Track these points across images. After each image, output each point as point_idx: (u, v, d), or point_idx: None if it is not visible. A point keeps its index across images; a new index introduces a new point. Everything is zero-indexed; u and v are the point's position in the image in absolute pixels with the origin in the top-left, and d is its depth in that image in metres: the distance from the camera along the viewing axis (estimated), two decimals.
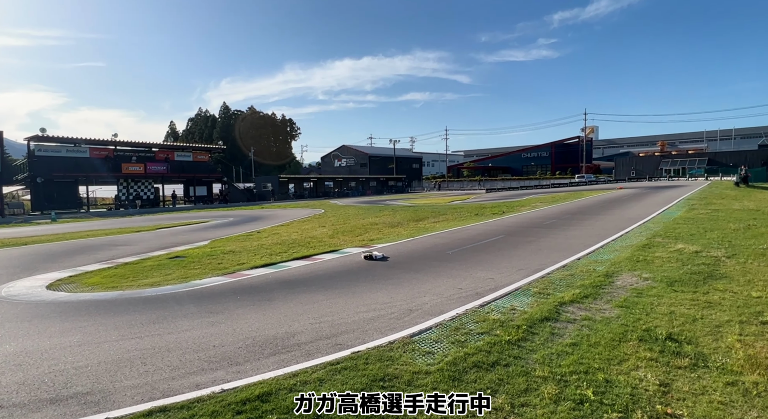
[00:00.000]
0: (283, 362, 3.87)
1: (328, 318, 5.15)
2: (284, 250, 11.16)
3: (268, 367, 3.77)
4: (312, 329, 4.77)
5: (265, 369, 3.72)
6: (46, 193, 35.29)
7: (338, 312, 5.41)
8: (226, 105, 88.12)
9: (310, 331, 4.71)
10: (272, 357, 4.01)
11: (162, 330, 5.10)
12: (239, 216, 25.08)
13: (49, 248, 13.26)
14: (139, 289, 7.74)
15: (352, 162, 73.81)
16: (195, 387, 3.43)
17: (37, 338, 4.99)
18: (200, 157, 46.15)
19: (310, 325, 4.92)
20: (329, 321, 5.06)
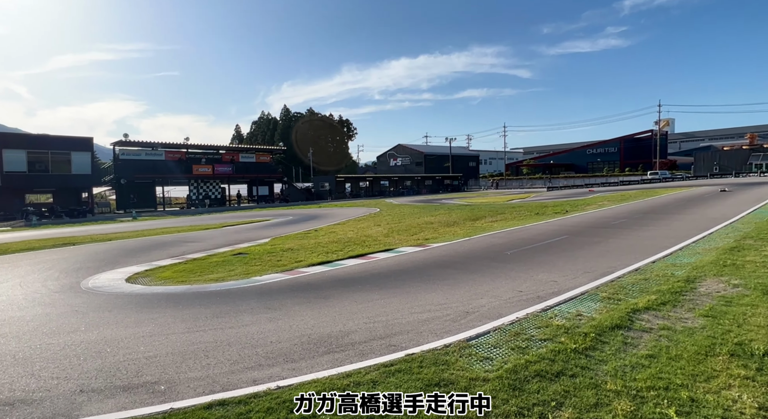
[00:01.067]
0: (336, 361, 3.85)
1: (383, 318, 5.09)
2: (340, 248, 11.30)
3: (322, 366, 3.76)
4: (366, 328, 4.73)
5: (319, 368, 3.72)
6: (128, 193, 38.56)
7: (392, 312, 5.33)
8: (286, 108, 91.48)
9: (364, 330, 4.67)
10: (326, 355, 4.01)
11: (224, 324, 5.30)
12: (298, 215, 25.88)
13: (129, 244, 14.40)
14: (205, 284, 8.15)
15: (407, 161, 73.78)
16: (252, 382, 3.49)
17: (116, 327, 5.37)
18: (262, 158, 48.28)
19: (364, 324, 4.88)
20: (383, 320, 4.99)
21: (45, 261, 11.20)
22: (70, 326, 5.51)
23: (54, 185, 34.82)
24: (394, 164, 75.44)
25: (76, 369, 4.03)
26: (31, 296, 7.38)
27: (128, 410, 3.17)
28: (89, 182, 36.89)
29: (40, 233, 20.06)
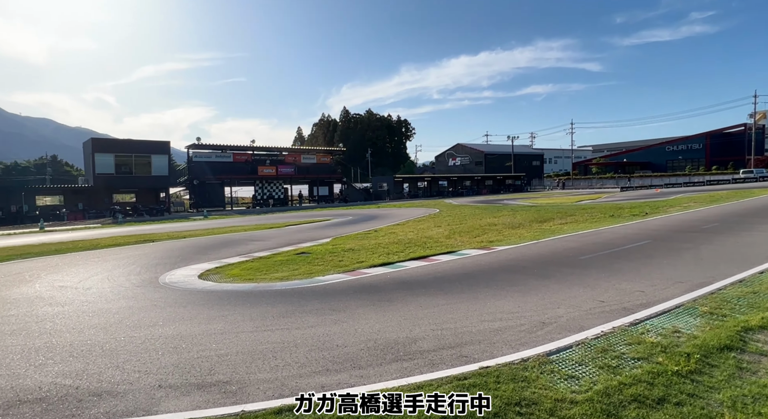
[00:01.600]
0: (405, 370, 3.67)
1: (450, 325, 4.84)
2: (401, 250, 11.15)
3: (390, 374, 3.60)
4: (434, 336, 4.51)
5: (388, 376, 3.56)
6: (200, 193, 41.14)
7: (461, 319, 5.06)
8: (345, 110, 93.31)
9: (432, 338, 4.45)
10: (394, 363, 3.84)
11: (290, 324, 5.32)
12: (357, 215, 26.14)
13: (201, 242, 15.22)
14: (270, 282, 8.33)
15: (466, 161, 72.36)
16: (320, 387, 3.40)
17: (190, 323, 5.58)
18: (323, 159, 49.51)
19: (431, 331, 4.67)
20: (451, 328, 4.74)
21: (128, 257, 12.08)
22: (149, 320, 5.80)
23: (136, 186, 37.98)
24: (453, 163, 74.29)
25: (155, 363, 4.18)
26: (117, 290, 7.93)
27: (202, 409, 3.19)
28: (167, 183, 39.83)
29: (125, 230, 21.86)
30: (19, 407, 3.37)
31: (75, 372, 4.05)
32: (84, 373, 4.00)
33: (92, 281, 8.76)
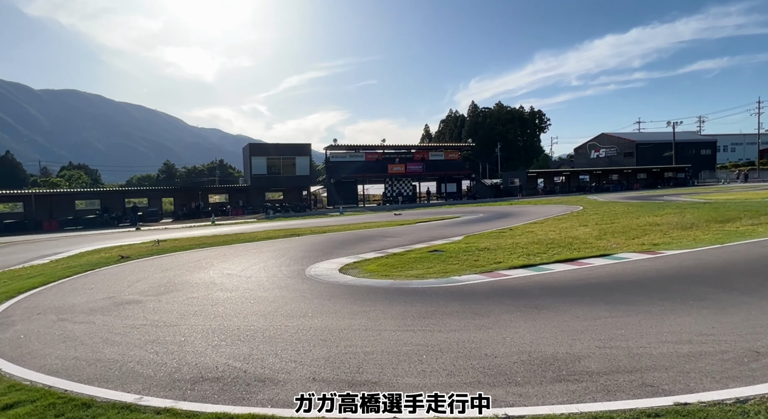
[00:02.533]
0: (573, 394, 3.15)
1: (622, 344, 4.10)
2: (543, 250, 10.23)
3: (555, 397, 3.12)
4: (602, 355, 3.85)
5: (552, 399, 3.09)
6: (336, 191, 44.24)
7: (634, 337, 4.27)
8: (474, 104, 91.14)
9: (600, 357, 3.80)
10: (557, 383, 3.34)
11: (432, 326, 5.13)
12: (488, 212, 25.17)
13: (339, 237, 16.16)
14: (406, 279, 8.31)
15: (613, 152, 64.68)
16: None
17: (335, 317, 5.78)
18: (451, 155, 49.07)
19: (597, 349, 4.01)
20: (624, 347, 4.01)
21: (279, 249, 13.36)
22: (300, 311, 6.19)
23: (283, 185, 42.47)
24: (596, 155, 67.12)
25: (308, 354, 4.36)
26: (271, 279, 8.74)
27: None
28: (308, 182, 43.78)
29: (275, 225, 24.51)
30: (201, 383, 3.78)
31: (243, 355, 4.44)
32: (250, 357, 4.36)
33: (252, 271, 9.83)
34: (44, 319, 6.20)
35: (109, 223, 33.80)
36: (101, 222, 33.56)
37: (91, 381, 3.95)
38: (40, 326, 5.85)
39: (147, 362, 4.36)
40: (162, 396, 3.58)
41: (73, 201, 35.28)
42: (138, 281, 8.88)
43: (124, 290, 8.04)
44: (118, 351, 4.73)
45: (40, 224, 31.93)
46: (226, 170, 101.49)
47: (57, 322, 6.00)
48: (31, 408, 3.39)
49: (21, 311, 6.77)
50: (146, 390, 3.69)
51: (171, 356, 4.52)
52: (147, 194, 39.28)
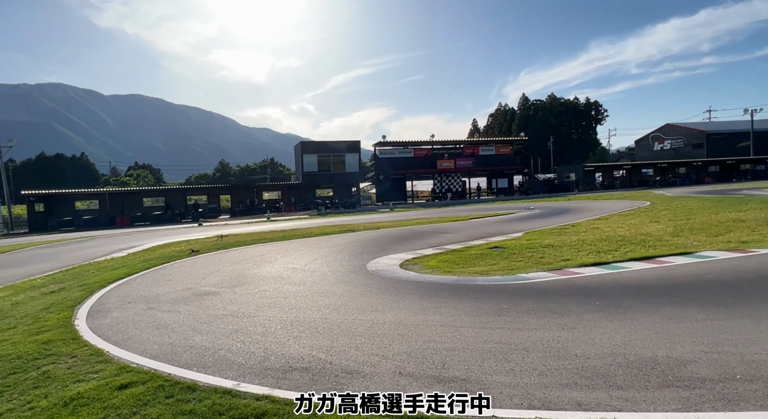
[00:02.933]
0: (687, 401, 2.94)
1: (731, 349, 3.79)
2: (613, 248, 9.71)
3: (666, 403, 2.93)
4: (710, 360, 3.58)
5: (663, 406, 2.90)
6: (385, 187, 44.41)
7: (743, 343, 3.93)
8: (525, 96, 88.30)
9: (709, 363, 3.53)
10: (665, 389, 3.14)
11: (509, 324, 5.00)
12: (545, 208, 24.31)
13: (394, 233, 16.19)
14: (471, 276, 8.17)
15: (679, 144, 60.48)
16: (577, 405, 2.98)
17: (406, 312, 5.78)
18: (502, 150, 47.83)
19: (703, 354, 3.72)
20: (735, 353, 3.70)
21: (336, 244, 13.58)
22: (370, 305, 6.24)
23: (333, 182, 43.22)
24: (660, 148, 63.06)
25: (389, 349, 4.39)
26: (335, 274, 8.90)
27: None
28: (357, 179, 44.28)
29: (328, 221, 25.00)
30: (291, 373, 3.90)
31: (324, 347, 4.53)
32: (332, 349, 4.44)
33: (315, 265, 10.06)
34: (135, 307, 6.67)
35: (173, 219, 35.93)
36: (166, 218, 35.75)
37: (189, 366, 4.19)
38: (133, 314, 6.30)
39: (236, 350, 4.56)
40: (257, 383, 3.73)
41: (141, 199, 37.83)
42: (211, 274, 9.34)
43: (200, 282, 8.49)
44: (208, 339, 4.99)
45: (113, 220, 34.52)
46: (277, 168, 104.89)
47: (147, 310, 6.44)
48: (144, 388, 3.65)
49: (114, 299, 7.33)
50: (241, 377, 3.86)
51: (257, 345, 4.70)
52: (206, 191, 41.38)
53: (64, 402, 3.50)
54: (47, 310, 6.67)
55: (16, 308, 7.14)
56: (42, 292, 8.40)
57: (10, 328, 5.82)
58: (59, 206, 35.25)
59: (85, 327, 5.67)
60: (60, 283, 9.32)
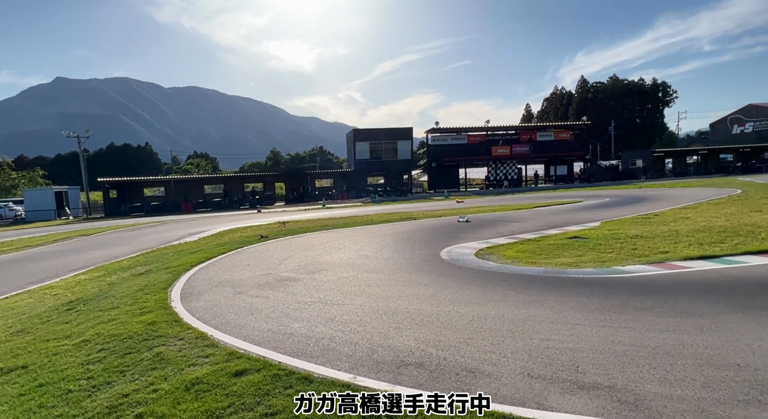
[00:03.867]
0: None
1: None
2: (718, 240, 8.74)
3: None
4: None
5: None
6: (438, 174, 43.66)
7: None
8: (583, 78, 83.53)
9: None
10: None
11: (632, 323, 4.47)
12: (615, 196, 22.80)
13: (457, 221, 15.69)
14: (558, 268, 7.61)
15: (763, 126, 54.90)
16: None
17: (505, 305, 5.37)
18: (561, 135, 45.51)
19: None
20: None
21: (401, 232, 13.29)
22: (462, 296, 5.89)
23: (385, 169, 43.05)
24: (740, 130, 57.59)
25: (502, 345, 4.02)
26: (409, 262, 8.61)
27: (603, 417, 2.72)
28: (409, 166, 43.83)
29: (383, 209, 24.81)
30: (406, 368, 3.64)
31: (430, 340, 4.24)
32: (440, 343, 4.14)
33: (386, 253, 9.84)
34: (224, 291, 6.73)
35: (231, 206, 37.31)
36: (225, 205, 37.18)
37: (296, 354, 4.05)
38: (223, 298, 6.34)
39: (339, 340, 4.38)
40: (373, 377, 3.50)
41: (202, 186, 39.57)
42: (285, 260, 9.37)
43: (278, 268, 8.50)
44: (305, 326, 4.86)
45: (177, 206, 36.36)
46: (326, 156, 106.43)
47: (236, 295, 6.46)
48: (260, 377, 3.52)
49: (201, 282, 7.47)
50: (354, 370, 3.65)
51: (357, 335, 4.50)
52: (262, 179, 42.57)
53: (185, 386, 3.44)
54: (142, 291, 6.89)
55: (114, 289, 7.46)
56: (132, 273, 8.77)
57: (113, 308, 6.03)
58: (130, 193, 37.62)
59: (183, 309, 5.75)
60: (145, 265, 9.72)
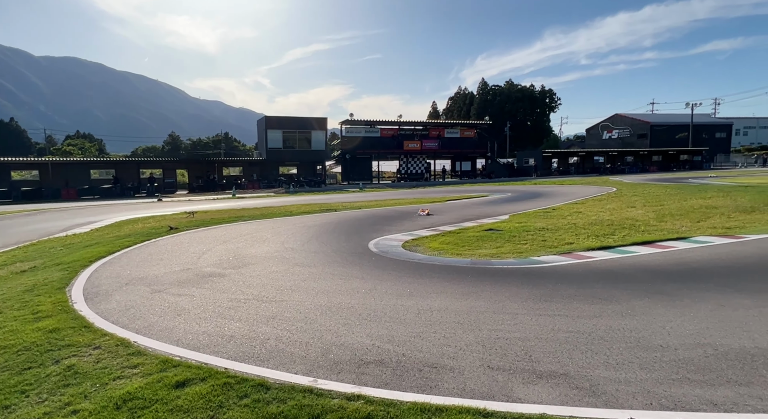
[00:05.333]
0: None
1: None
2: (609, 232, 9.92)
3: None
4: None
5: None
6: (351, 167, 43.62)
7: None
8: (484, 81, 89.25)
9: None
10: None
11: (563, 311, 4.83)
12: (516, 192, 24.79)
13: (379, 213, 15.80)
14: (483, 258, 8.01)
15: (626, 133, 63.85)
16: (713, 405, 2.81)
17: (445, 297, 5.47)
18: (467, 133, 48.20)
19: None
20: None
21: (324, 224, 13.00)
22: (402, 289, 5.88)
23: (298, 159, 41.88)
24: (609, 136, 66.32)
25: (455, 338, 4.08)
26: (341, 255, 8.43)
27: (572, 406, 2.87)
28: (323, 157, 43.15)
29: (300, 199, 24.12)
30: (367, 367, 3.51)
31: (384, 336, 4.16)
32: (394, 339, 4.08)
33: (313, 245, 9.53)
34: (138, 290, 5.92)
35: (124, 193, 33.43)
36: (117, 192, 33.18)
37: (242, 358, 3.68)
38: (140, 297, 5.58)
39: (287, 340, 4.09)
40: (335, 379, 3.31)
41: (88, 171, 34.79)
42: (204, 253, 8.59)
43: (197, 262, 7.76)
44: (245, 327, 4.46)
45: (57, 192, 31.56)
46: (231, 143, 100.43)
47: (154, 294, 5.73)
48: (207, 387, 3.12)
49: (107, 280, 6.49)
50: (313, 372, 3.42)
51: (306, 334, 4.25)
52: (161, 165, 38.71)
53: (114, 404, 2.92)
54: (32, 292, 5.78)
55: None
56: (11, 271, 7.34)
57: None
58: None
59: (91, 312, 4.93)
60: (27, 261, 8.21)
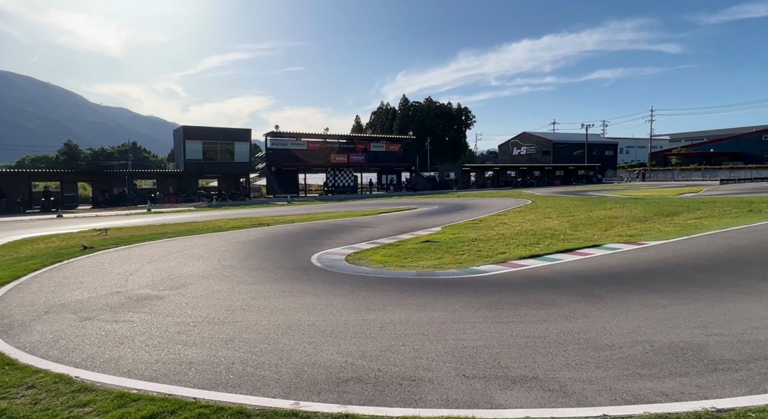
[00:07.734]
0: (747, 383, 3.32)
1: (723, 331, 4.43)
2: (534, 241, 10.76)
3: (735, 386, 3.24)
4: (718, 342, 4.14)
5: (736, 389, 3.20)
6: (277, 180, 42.48)
7: (723, 324, 4.65)
8: (405, 98, 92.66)
9: (719, 344, 4.07)
10: (716, 373, 3.47)
11: (515, 317, 5.16)
12: (442, 204, 25.83)
13: (315, 226, 15.58)
14: (427, 270, 8.28)
15: (533, 150, 69.82)
16: (665, 396, 3.17)
17: (402, 310, 5.54)
18: (392, 147, 49.52)
19: (707, 337, 4.28)
20: (730, 334, 4.34)
21: (259, 239, 12.52)
22: (359, 303, 5.87)
23: (220, 172, 39.81)
24: (518, 153, 71.96)
25: (426, 350, 4.16)
26: (285, 271, 8.19)
27: (551, 408, 3.08)
28: (247, 169, 41.48)
29: (225, 214, 22.94)
30: (347, 385, 3.45)
31: (354, 352, 4.12)
32: (365, 355, 4.06)
33: (253, 262, 9.14)
34: (64, 318, 5.21)
35: (11, 209, 29.24)
36: (3, 209, 28.91)
37: (210, 386, 3.42)
38: (68, 327, 4.91)
39: (254, 363, 3.88)
40: (317, 400, 3.22)
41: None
42: (132, 274, 7.82)
43: (126, 284, 7.04)
44: (203, 352, 4.15)
45: None
46: (141, 154, 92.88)
47: (84, 322, 5.08)
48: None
49: (19, 309, 5.62)
50: (292, 395, 3.29)
51: (273, 355, 4.07)
52: (60, 177, 34.48)
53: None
54: None
55: None
56: None
57: None
58: None
59: (10, 347, 4.24)
60: None
